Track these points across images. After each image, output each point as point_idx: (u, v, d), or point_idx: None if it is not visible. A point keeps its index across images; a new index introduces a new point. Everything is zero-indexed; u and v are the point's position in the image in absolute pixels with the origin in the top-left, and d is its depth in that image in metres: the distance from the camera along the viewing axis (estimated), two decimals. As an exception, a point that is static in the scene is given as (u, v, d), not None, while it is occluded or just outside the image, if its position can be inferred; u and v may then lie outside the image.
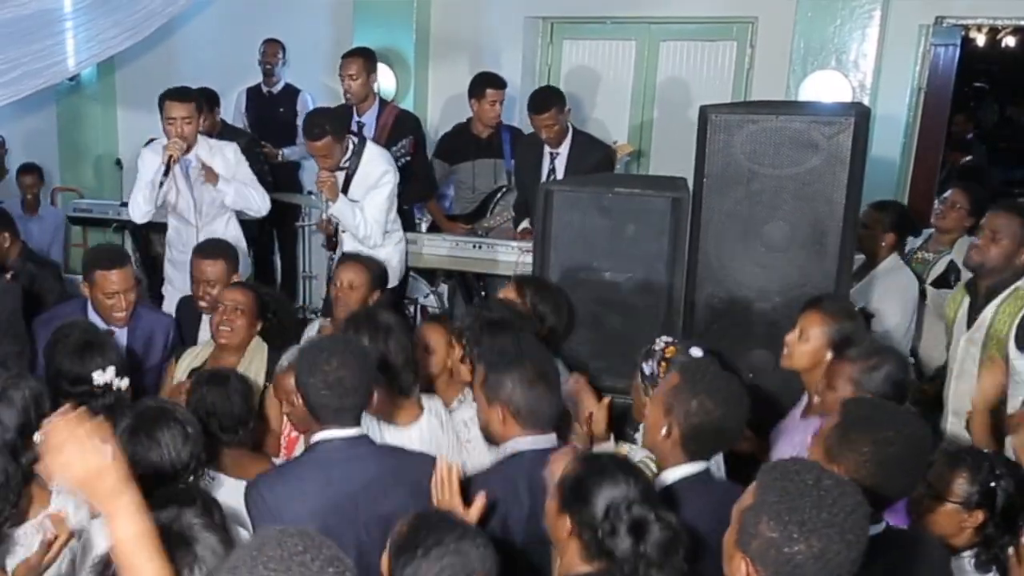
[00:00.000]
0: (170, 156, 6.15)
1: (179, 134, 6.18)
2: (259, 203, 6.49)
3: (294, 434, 4.58)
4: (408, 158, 7.15)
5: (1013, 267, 4.82)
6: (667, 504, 3.09)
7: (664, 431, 3.32)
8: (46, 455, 2.45)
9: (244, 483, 3.80)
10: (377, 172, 6.35)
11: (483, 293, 7.46)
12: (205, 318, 5.51)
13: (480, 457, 4.00)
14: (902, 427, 2.93)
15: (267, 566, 1.99)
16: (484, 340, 4.12)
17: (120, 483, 2.40)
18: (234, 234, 6.48)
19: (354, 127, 7.42)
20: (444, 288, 7.92)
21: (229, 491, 3.81)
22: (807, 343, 4.19)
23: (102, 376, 4.15)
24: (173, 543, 2.56)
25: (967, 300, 5.02)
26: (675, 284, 4.95)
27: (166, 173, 6.20)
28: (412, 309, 7.54)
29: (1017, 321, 4.67)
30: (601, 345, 5.03)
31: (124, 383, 4.20)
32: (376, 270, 5.46)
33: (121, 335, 5.12)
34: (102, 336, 4.42)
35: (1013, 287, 4.79)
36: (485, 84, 7.52)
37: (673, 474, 3.33)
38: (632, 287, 5.01)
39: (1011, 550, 3.32)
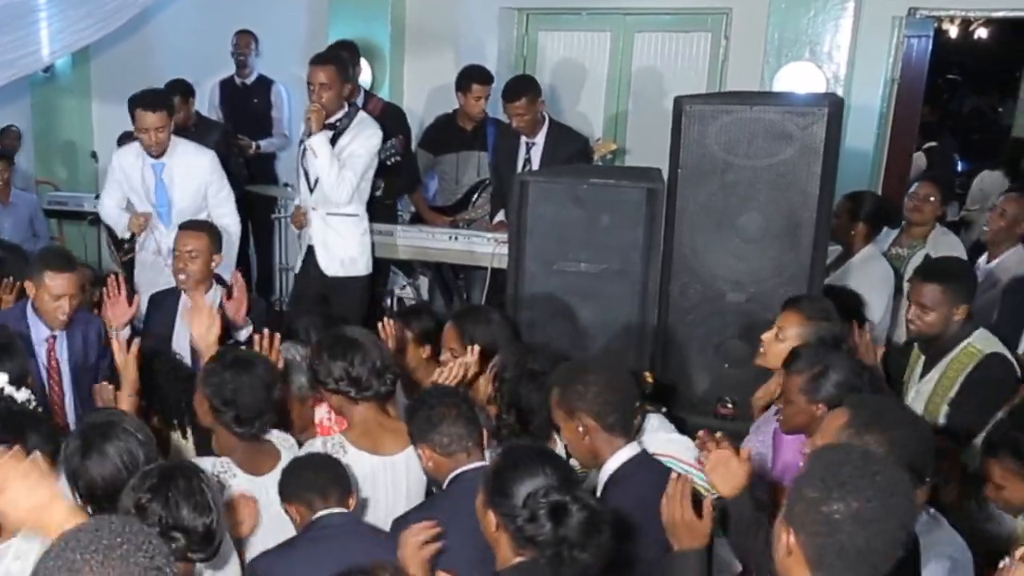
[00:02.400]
0: (132, 232, 6.39)
1: (152, 143, 6.21)
2: (233, 226, 6.59)
3: (326, 424, 4.49)
4: (398, 157, 7.14)
5: (952, 327, 4.68)
6: (616, 489, 3.35)
7: (581, 431, 3.50)
8: None
9: (255, 479, 3.74)
10: (365, 133, 6.35)
11: (461, 285, 7.46)
12: (180, 310, 5.50)
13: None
14: (911, 425, 2.96)
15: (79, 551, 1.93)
16: (522, 391, 4.06)
17: (70, 513, 2.33)
18: None
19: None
20: (423, 280, 7.92)
21: (241, 487, 3.74)
22: (783, 343, 4.16)
23: None
24: None
25: (923, 358, 4.84)
26: (650, 275, 4.97)
27: (131, 241, 6.47)
28: (389, 301, 7.54)
29: (960, 381, 4.61)
30: (577, 336, 5.05)
31: (21, 395, 3.95)
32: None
33: (61, 337, 5.06)
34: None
35: (963, 344, 4.65)
36: (471, 79, 7.45)
37: (614, 462, 3.50)
38: (607, 278, 5.01)
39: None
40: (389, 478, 3.94)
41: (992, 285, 5.96)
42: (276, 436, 3.98)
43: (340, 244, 6.45)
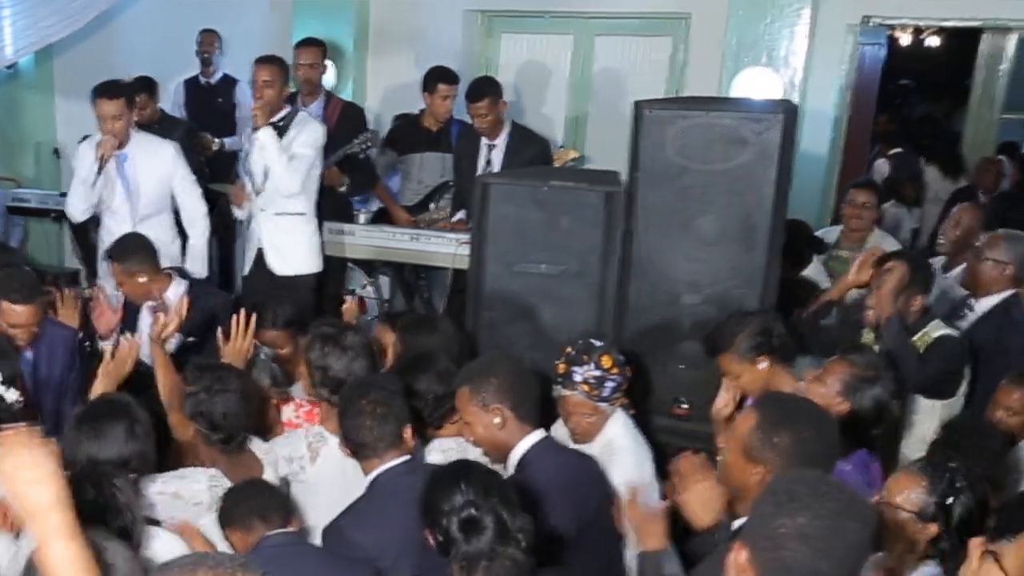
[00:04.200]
0: (102, 155, 6.20)
1: (109, 132, 6.19)
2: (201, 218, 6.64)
3: (295, 421, 4.51)
4: (374, 149, 7.15)
5: (910, 316, 4.80)
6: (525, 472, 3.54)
7: (499, 423, 3.65)
8: None
9: None
10: (308, 129, 6.40)
11: (423, 285, 7.51)
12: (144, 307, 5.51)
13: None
14: (818, 424, 3.02)
15: None
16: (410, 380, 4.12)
17: (56, 502, 2.26)
18: (169, 232, 6.54)
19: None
20: (383, 279, 7.95)
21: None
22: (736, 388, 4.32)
23: None
24: None
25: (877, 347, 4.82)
26: (608, 277, 5.04)
27: (99, 172, 6.24)
28: (349, 300, 7.55)
29: None
30: (536, 336, 5.11)
31: (11, 395, 3.98)
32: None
33: (26, 352, 4.93)
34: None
35: (920, 334, 4.76)
36: (437, 79, 7.49)
37: (522, 446, 3.67)
38: (567, 279, 5.08)
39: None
40: None
41: (948, 298, 5.78)
42: (261, 448, 3.96)
43: (289, 244, 6.49)
